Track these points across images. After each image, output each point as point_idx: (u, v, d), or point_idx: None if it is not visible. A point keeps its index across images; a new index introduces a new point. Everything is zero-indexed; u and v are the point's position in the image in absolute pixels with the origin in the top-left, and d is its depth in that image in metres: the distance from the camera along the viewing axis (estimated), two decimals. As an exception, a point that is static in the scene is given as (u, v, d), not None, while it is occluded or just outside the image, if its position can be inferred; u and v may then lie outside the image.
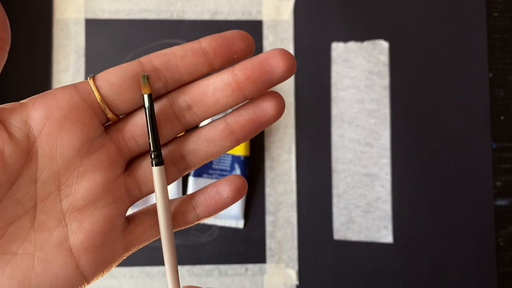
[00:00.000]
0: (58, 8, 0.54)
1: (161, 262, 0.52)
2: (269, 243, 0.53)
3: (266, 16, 0.55)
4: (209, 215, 0.24)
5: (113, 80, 0.22)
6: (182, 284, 0.24)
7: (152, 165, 0.22)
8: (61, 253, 0.21)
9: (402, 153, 0.54)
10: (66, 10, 0.54)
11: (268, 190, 0.54)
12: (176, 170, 0.24)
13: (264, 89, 0.23)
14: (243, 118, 0.23)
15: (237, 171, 0.52)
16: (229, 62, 0.22)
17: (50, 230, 0.21)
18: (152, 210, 0.24)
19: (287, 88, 0.54)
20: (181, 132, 0.23)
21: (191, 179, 0.52)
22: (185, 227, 0.24)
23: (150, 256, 0.53)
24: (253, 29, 0.55)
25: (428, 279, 0.53)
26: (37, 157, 0.21)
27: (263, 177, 0.54)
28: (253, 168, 0.54)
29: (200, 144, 0.23)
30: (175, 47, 0.22)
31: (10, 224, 0.21)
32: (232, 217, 0.52)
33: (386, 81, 0.55)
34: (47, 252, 0.21)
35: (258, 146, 0.54)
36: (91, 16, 0.54)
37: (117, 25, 0.54)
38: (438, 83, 0.55)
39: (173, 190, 0.52)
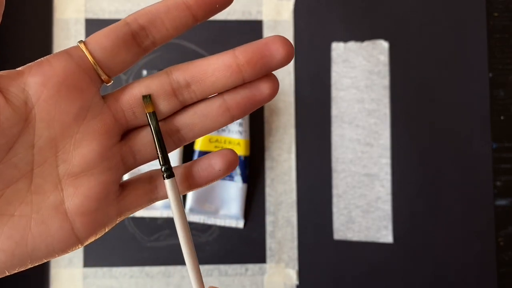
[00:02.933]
0: (58, 8, 0.54)
1: (161, 263, 0.52)
2: (269, 243, 0.53)
3: (266, 16, 0.55)
4: (200, 186, 0.25)
5: (105, 43, 0.22)
6: (181, 284, 0.24)
7: (164, 178, 0.23)
8: (56, 216, 0.22)
9: (402, 153, 0.54)
10: (66, 10, 0.54)
11: (268, 190, 0.54)
12: (171, 142, 0.24)
13: (262, 73, 0.23)
14: (239, 96, 0.24)
15: (237, 170, 0.52)
16: (211, 12, 0.23)
17: (46, 194, 0.22)
18: (146, 177, 0.25)
19: (287, 88, 0.54)
20: (178, 108, 0.24)
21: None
22: (180, 194, 0.25)
23: (150, 256, 0.53)
24: (253, 29, 0.55)
25: (428, 279, 0.53)
26: (35, 123, 0.21)
27: (263, 177, 0.54)
28: (253, 168, 0.54)
29: (197, 119, 0.24)
30: (158, 4, 0.23)
31: (7, 187, 0.21)
32: (232, 217, 0.52)
33: (386, 81, 0.55)
34: (43, 215, 0.22)
35: (258, 146, 0.54)
36: (91, 16, 0.54)
37: (117, 25, 0.54)
38: (438, 83, 0.55)
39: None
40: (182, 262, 0.53)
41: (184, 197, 0.53)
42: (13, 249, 0.21)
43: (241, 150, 0.52)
